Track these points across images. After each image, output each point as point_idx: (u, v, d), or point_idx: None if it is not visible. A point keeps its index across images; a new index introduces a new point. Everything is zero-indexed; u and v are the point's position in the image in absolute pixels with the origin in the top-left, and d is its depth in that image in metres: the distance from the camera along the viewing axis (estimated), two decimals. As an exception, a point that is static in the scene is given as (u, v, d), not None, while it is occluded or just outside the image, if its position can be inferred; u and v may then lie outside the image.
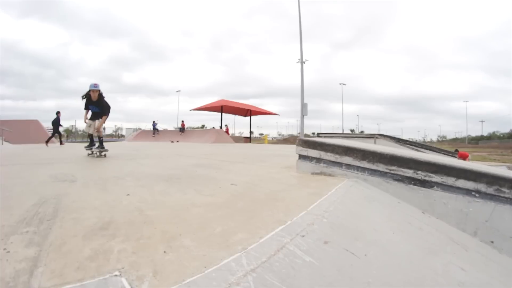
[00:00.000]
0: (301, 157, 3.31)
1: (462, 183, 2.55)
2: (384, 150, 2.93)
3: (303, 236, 1.33)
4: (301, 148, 3.27)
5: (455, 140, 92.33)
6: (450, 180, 2.58)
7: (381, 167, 2.80)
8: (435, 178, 2.61)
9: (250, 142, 26.72)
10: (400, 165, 2.72)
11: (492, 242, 2.48)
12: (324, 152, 3.12)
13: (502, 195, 2.46)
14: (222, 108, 27.26)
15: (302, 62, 24.24)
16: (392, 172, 2.75)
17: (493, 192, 2.49)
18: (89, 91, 5.82)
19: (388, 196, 2.69)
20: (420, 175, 2.65)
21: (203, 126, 75.82)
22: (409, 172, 2.68)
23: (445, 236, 2.30)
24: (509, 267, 2.23)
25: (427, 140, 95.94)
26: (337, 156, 3.02)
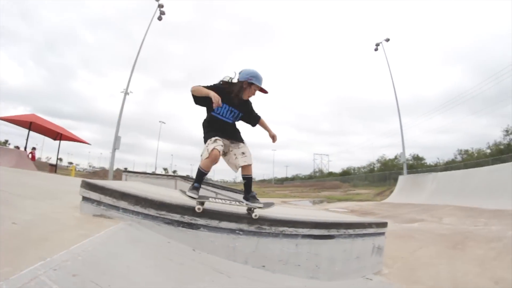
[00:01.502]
0: (84, 198, 3.32)
1: (225, 224, 3.08)
2: (154, 197, 3.22)
3: (55, 269, 1.68)
4: (83, 189, 3.30)
5: (263, 181, 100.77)
6: (214, 223, 3.07)
7: (152, 212, 3.06)
8: (200, 221, 3.05)
9: (55, 171, 22.46)
10: (168, 210, 3.06)
11: (263, 266, 3.15)
12: (103, 195, 3.22)
13: (263, 231, 3.18)
14: (31, 125, 21.54)
15: (126, 93, 23.40)
16: (162, 216, 3.05)
17: (254, 230, 3.15)
18: (244, 81, 3.26)
19: (159, 237, 2.96)
20: (187, 218, 3.04)
21: (6, 142, 56.60)
22: (176, 216, 3.05)
23: (209, 268, 2.67)
24: (276, 282, 3.03)
25: (237, 181, 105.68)
26: (114, 200, 3.17)
